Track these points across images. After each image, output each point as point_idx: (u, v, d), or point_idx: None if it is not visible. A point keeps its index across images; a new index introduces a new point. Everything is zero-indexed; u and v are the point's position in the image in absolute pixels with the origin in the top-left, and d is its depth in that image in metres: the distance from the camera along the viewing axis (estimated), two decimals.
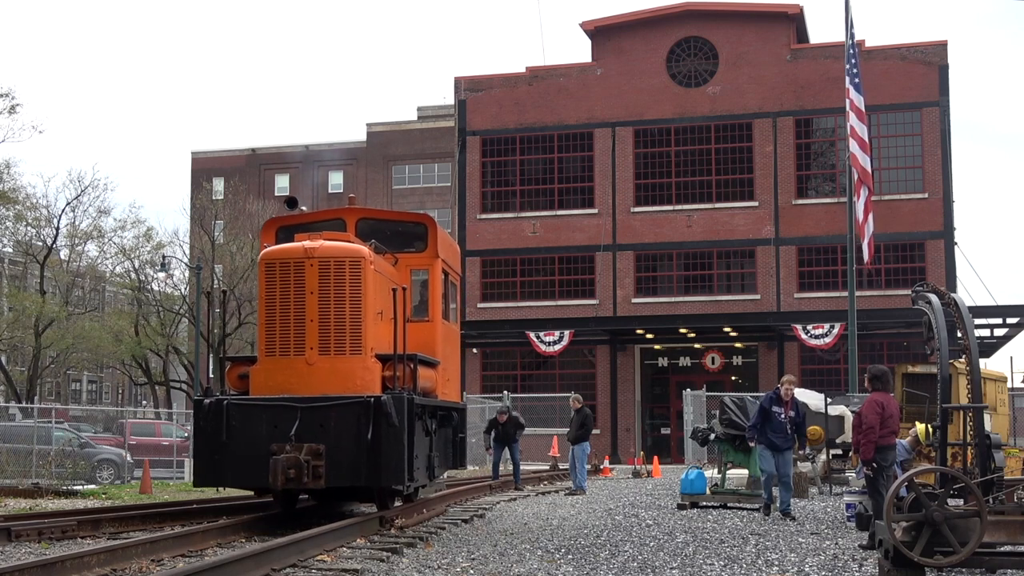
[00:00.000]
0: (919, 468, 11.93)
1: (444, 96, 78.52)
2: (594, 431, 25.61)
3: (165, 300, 54.69)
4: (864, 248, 27.10)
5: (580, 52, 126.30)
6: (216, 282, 49.15)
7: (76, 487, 22.06)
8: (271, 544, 10.15)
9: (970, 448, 11.45)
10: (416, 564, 10.37)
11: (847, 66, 26.97)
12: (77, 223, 52.63)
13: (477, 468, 29.24)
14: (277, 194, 67.05)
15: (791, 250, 38.16)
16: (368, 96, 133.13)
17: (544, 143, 40.79)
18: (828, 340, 34.56)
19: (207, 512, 14.54)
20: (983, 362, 28.59)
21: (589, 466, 24.42)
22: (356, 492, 14.25)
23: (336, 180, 70.67)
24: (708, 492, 17.47)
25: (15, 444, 26.13)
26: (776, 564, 10.64)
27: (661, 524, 14.53)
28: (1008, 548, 9.96)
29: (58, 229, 51.20)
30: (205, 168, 70.21)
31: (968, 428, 11.47)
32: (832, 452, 20.97)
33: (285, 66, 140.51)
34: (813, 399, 21.28)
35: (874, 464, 12.47)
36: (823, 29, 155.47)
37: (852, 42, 27.24)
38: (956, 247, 36.98)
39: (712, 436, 19.28)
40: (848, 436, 18.07)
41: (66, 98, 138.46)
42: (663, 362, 40.19)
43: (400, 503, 14.29)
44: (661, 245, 39.30)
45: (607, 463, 29.94)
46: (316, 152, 70.97)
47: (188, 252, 55.22)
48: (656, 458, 29.88)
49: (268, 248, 13.83)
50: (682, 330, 37.66)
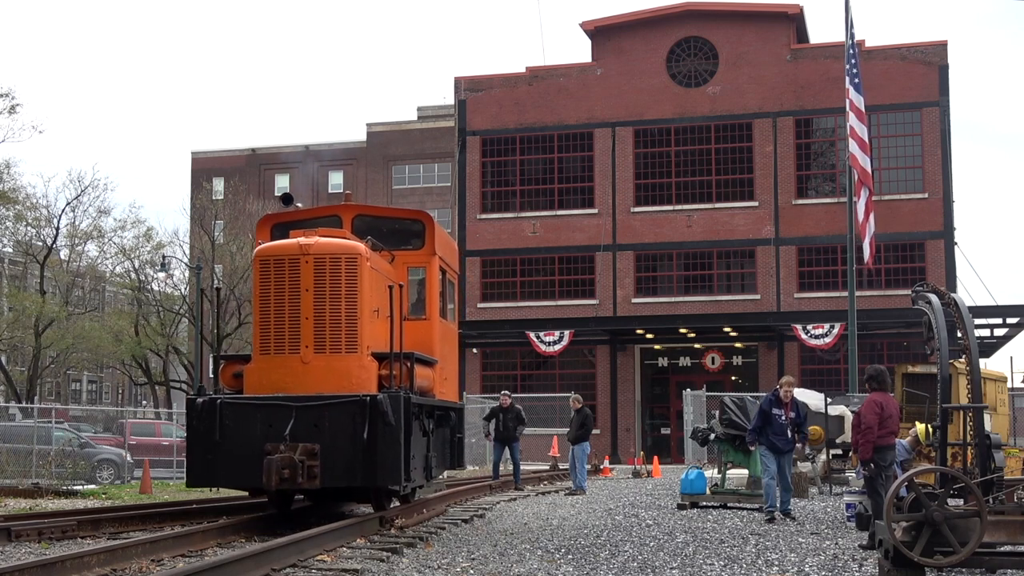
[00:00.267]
0: (919, 468, 11.93)
1: (444, 96, 78.58)
2: (594, 431, 25.60)
3: (165, 300, 54.67)
4: (865, 248, 27.10)
5: (580, 52, 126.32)
6: (216, 282, 49.12)
7: (76, 487, 22.05)
8: (271, 544, 10.14)
9: (970, 448, 11.45)
10: (416, 564, 10.37)
11: (847, 66, 26.96)
12: (77, 223, 52.68)
13: (477, 468, 29.24)
14: (277, 194, 66.95)
15: (791, 250, 38.17)
16: (368, 96, 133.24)
17: (544, 143, 40.79)
18: (828, 340, 34.56)
19: (207, 512, 14.52)
20: (983, 362, 28.58)
21: (589, 466, 24.40)
22: (352, 493, 14.05)
23: (336, 180, 70.67)
24: (708, 492, 17.47)
25: (15, 444, 26.10)
26: (776, 564, 10.64)
27: (661, 524, 14.52)
28: (1008, 548, 9.96)
29: (58, 229, 51.21)
30: (205, 168, 70.20)
31: (968, 428, 11.47)
32: (832, 452, 20.98)
33: (285, 66, 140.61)
34: (813, 399, 21.28)
35: (871, 464, 12.46)
36: (823, 29, 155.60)
37: (852, 42, 27.23)
38: (956, 247, 37.01)
39: (712, 436, 19.29)
40: (848, 436, 18.06)
41: (66, 98, 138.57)
42: (663, 362, 40.19)
43: (397, 504, 14.16)
44: (661, 245, 39.30)
45: (607, 463, 29.93)
46: (316, 152, 70.93)
47: (188, 252, 55.21)
48: (656, 458, 29.88)
49: (263, 244, 13.60)
50: (682, 330, 37.67)
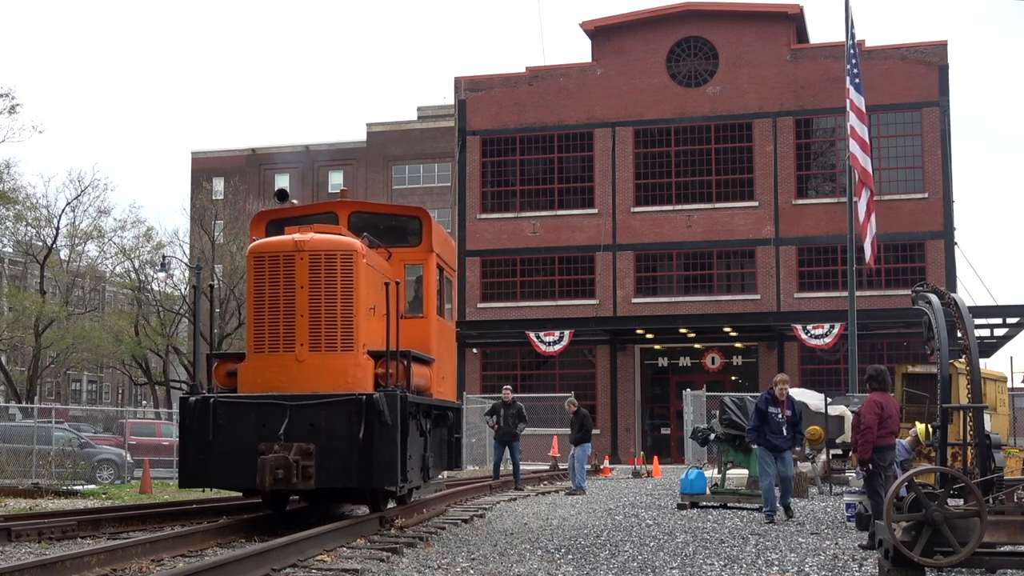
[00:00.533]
0: (919, 468, 11.93)
1: (444, 96, 78.59)
2: (594, 431, 25.59)
3: (165, 300, 54.66)
4: (866, 249, 27.05)
5: (580, 52, 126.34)
6: (216, 282, 49.11)
7: (76, 487, 22.05)
8: (271, 544, 10.13)
9: (970, 448, 11.45)
10: (416, 564, 10.37)
11: (847, 66, 26.91)
12: (77, 223, 52.69)
13: (477, 468, 29.25)
14: None
15: (791, 250, 38.16)
16: (368, 96, 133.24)
17: (544, 143, 40.79)
18: (828, 340, 34.56)
19: (207, 512, 14.51)
20: (983, 362, 28.59)
21: (589, 466, 24.40)
22: (347, 493, 13.84)
23: (336, 180, 70.61)
24: (708, 492, 17.46)
25: (15, 444, 26.12)
26: (776, 564, 10.64)
27: (661, 524, 14.52)
28: (1008, 548, 9.96)
29: (58, 229, 51.22)
30: (205, 168, 70.18)
31: (968, 428, 11.47)
32: (832, 452, 20.96)
33: (285, 66, 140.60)
34: (813, 399, 21.27)
35: (870, 465, 12.45)
36: (823, 29, 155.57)
37: (852, 42, 27.19)
38: (956, 247, 37.00)
39: (712, 436, 19.30)
40: (848, 436, 18.05)
41: (66, 98, 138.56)
42: (663, 362, 40.18)
43: (393, 505, 14.03)
44: (661, 245, 39.30)
45: (607, 463, 29.93)
46: (316, 152, 70.93)
47: (188, 252, 55.19)
48: (656, 458, 29.88)
49: (257, 241, 13.40)
50: (682, 330, 37.66)
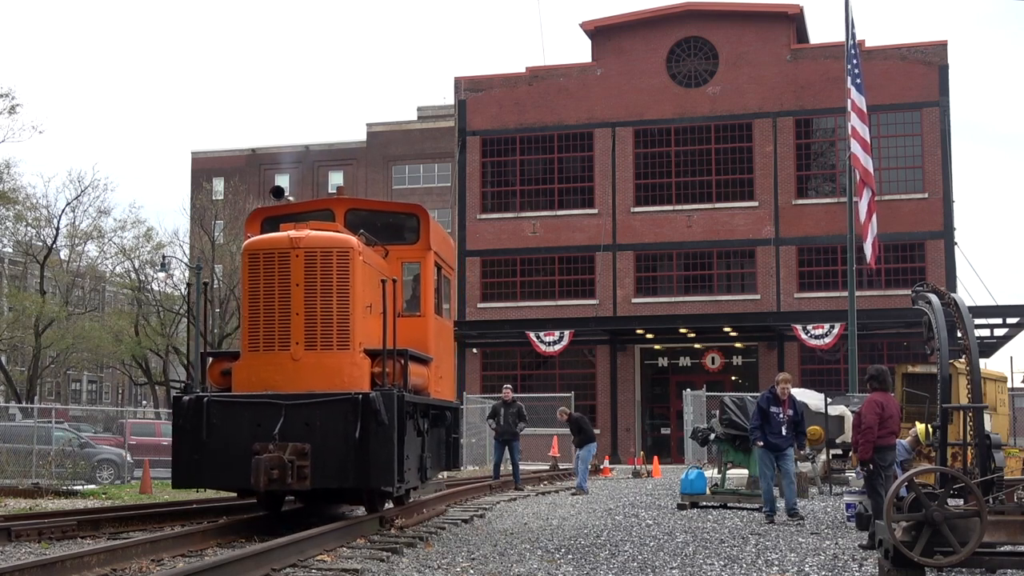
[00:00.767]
0: (919, 468, 11.92)
1: (444, 96, 78.59)
2: (595, 431, 25.56)
3: (165, 300, 54.67)
4: (867, 249, 27.02)
5: (580, 52, 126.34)
6: (216, 282, 49.13)
7: (76, 487, 22.06)
8: (271, 544, 10.12)
9: (970, 448, 11.44)
10: (416, 564, 10.36)
11: (848, 66, 26.89)
12: (77, 223, 52.74)
13: (477, 468, 29.24)
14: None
15: (791, 250, 38.16)
16: (368, 96, 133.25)
17: (544, 143, 40.78)
18: (828, 340, 34.55)
19: (207, 512, 14.50)
20: (983, 362, 28.58)
21: (589, 466, 24.36)
22: (343, 494, 13.71)
23: (336, 180, 70.59)
24: (708, 492, 17.45)
25: (15, 444, 26.11)
26: (776, 564, 10.64)
27: (661, 524, 14.51)
28: (1008, 548, 9.95)
29: (58, 229, 51.27)
30: (205, 168, 70.18)
31: (968, 428, 11.46)
32: (832, 452, 20.95)
33: (285, 66, 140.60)
34: (813, 399, 21.25)
35: (871, 465, 12.44)
36: (823, 29, 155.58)
37: (853, 42, 27.18)
38: (956, 247, 37.01)
39: (712, 436, 19.29)
40: (848, 436, 18.05)
41: (66, 98, 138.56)
42: (663, 362, 40.18)
43: (390, 506, 13.95)
44: (661, 245, 39.30)
45: (607, 463, 29.92)
46: (316, 152, 70.95)
47: (188, 252, 55.19)
48: (656, 458, 29.86)
49: (252, 238, 13.27)
50: (682, 330, 37.66)
